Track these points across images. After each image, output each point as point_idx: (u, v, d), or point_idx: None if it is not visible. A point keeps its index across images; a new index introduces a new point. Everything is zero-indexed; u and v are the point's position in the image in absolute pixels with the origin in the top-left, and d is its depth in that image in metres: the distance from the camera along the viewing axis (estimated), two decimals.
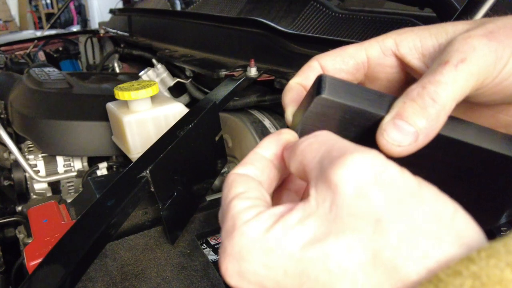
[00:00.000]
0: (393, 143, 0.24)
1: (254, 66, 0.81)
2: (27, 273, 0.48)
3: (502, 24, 0.25)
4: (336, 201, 0.19)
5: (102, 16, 4.05)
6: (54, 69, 1.13)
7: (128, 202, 0.46)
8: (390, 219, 0.18)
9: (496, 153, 0.27)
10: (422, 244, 0.18)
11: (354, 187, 0.19)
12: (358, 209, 0.19)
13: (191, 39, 1.17)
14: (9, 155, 0.97)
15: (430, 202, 0.19)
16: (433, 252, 0.18)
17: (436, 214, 0.19)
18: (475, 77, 0.24)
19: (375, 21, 0.94)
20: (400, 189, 0.19)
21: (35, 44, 1.81)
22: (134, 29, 1.52)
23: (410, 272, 0.18)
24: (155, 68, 1.13)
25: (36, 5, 6.54)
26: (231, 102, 0.83)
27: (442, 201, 0.20)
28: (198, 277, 0.48)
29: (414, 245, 0.18)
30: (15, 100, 1.00)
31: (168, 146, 0.52)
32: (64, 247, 0.41)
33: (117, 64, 1.51)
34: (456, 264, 0.16)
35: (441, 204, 0.19)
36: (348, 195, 0.19)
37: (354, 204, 0.19)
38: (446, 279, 0.16)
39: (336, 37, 0.94)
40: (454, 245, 0.18)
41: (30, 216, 0.59)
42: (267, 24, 0.92)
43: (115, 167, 0.92)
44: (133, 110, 0.75)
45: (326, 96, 0.25)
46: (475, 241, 0.19)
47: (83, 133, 0.89)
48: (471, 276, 0.16)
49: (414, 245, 0.18)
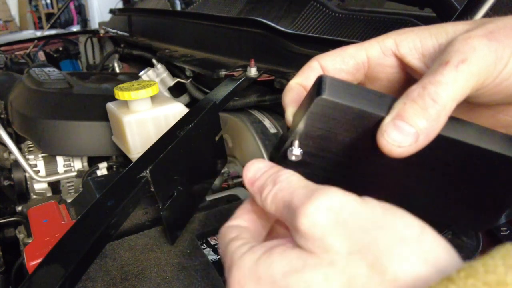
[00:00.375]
0: (393, 143, 0.24)
1: (254, 66, 0.81)
2: (27, 273, 0.48)
3: (502, 24, 0.25)
4: (308, 242, 0.21)
5: (102, 16, 4.04)
6: (54, 69, 1.13)
7: (128, 202, 0.46)
8: (358, 250, 0.20)
9: (496, 153, 0.27)
10: (390, 269, 0.19)
11: (318, 230, 0.21)
12: (328, 247, 0.21)
13: (191, 39, 1.17)
14: (9, 155, 0.97)
15: (394, 227, 0.20)
16: (402, 275, 0.19)
17: (401, 237, 0.20)
18: (475, 77, 0.24)
19: (375, 21, 0.94)
20: (362, 220, 0.21)
21: (35, 44, 1.81)
22: (134, 29, 1.52)
23: None
24: (155, 68, 1.13)
25: (36, 5, 6.54)
26: (231, 102, 0.83)
27: (406, 223, 0.21)
28: (198, 277, 0.48)
29: (383, 271, 0.19)
30: (15, 100, 1.00)
31: (168, 146, 0.52)
32: (64, 247, 0.41)
33: (117, 64, 1.51)
34: (436, 285, 0.17)
35: (405, 226, 0.21)
36: (316, 237, 0.21)
37: (323, 243, 0.21)
38: None
39: (336, 37, 0.94)
40: (422, 265, 0.19)
41: (30, 216, 0.59)
42: (267, 24, 0.92)
43: (115, 167, 0.92)
44: (133, 110, 0.75)
45: (326, 97, 0.25)
46: (443, 258, 0.20)
47: (83, 133, 0.89)
48: None
49: (383, 271, 0.19)
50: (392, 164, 0.26)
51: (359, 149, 0.28)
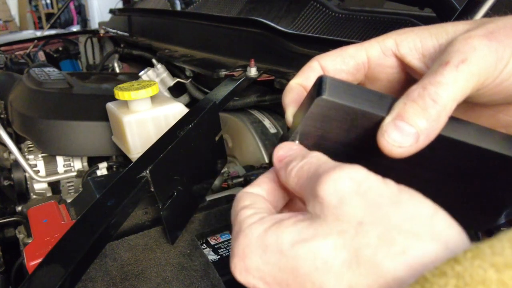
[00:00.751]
0: (393, 144, 0.24)
1: (254, 66, 0.81)
2: (27, 273, 0.48)
3: (503, 24, 0.25)
4: (324, 210, 0.22)
5: (102, 16, 4.04)
6: (54, 69, 1.13)
7: (128, 202, 0.46)
8: (370, 221, 0.20)
9: (496, 153, 0.27)
10: (400, 242, 0.19)
11: (337, 197, 0.21)
12: (341, 215, 0.21)
13: (191, 39, 1.17)
14: (9, 155, 0.97)
15: (408, 205, 0.21)
16: (411, 249, 0.19)
17: (414, 215, 0.20)
18: (475, 77, 0.24)
19: (375, 21, 0.94)
20: (379, 195, 0.21)
21: (35, 44, 1.81)
22: (134, 29, 1.52)
23: (390, 268, 0.19)
24: (155, 68, 1.13)
25: (36, 5, 6.53)
26: (231, 102, 0.83)
27: (421, 203, 0.21)
28: (198, 277, 0.48)
29: (392, 243, 0.19)
30: (15, 100, 1.00)
31: (168, 146, 0.52)
32: (64, 247, 0.41)
33: (117, 64, 1.51)
34: (442, 265, 0.17)
35: (420, 205, 0.21)
36: (333, 204, 0.21)
37: (338, 211, 0.21)
38: (432, 279, 0.17)
39: (336, 37, 0.94)
40: (432, 242, 0.19)
41: (30, 216, 0.59)
42: (267, 24, 0.92)
43: (115, 167, 0.92)
44: (133, 110, 0.75)
45: (326, 97, 0.25)
46: (454, 239, 0.20)
47: (83, 133, 0.89)
48: (455, 276, 0.16)
49: (392, 243, 0.19)
50: (392, 164, 0.26)
51: (359, 149, 0.28)
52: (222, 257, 0.54)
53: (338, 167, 0.22)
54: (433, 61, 0.27)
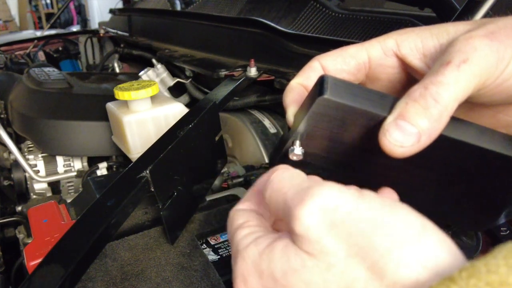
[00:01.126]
0: (395, 143, 0.24)
1: (254, 66, 0.81)
2: (27, 273, 0.48)
3: (503, 25, 0.25)
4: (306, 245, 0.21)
5: (102, 16, 4.04)
6: (54, 69, 1.13)
7: (128, 202, 0.46)
8: (356, 253, 0.20)
9: (496, 153, 0.27)
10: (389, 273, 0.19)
11: (314, 234, 0.21)
12: (325, 249, 0.21)
13: (191, 39, 1.17)
14: (9, 155, 0.97)
15: (393, 225, 0.20)
16: (400, 277, 0.19)
17: (400, 238, 0.20)
18: (477, 77, 0.24)
19: (375, 21, 0.94)
20: (359, 220, 0.21)
21: (35, 44, 1.81)
22: (134, 29, 1.52)
23: None
24: (155, 68, 1.13)
25: (36, 5, 6.53)
26: (231, 102, 0.83)
27: (407, 221, 0.21)
28: (198, 277, 0.48)
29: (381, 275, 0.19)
30: (15, 100, 1.00)
31: (168, 146, 0.52)
32: (64, 247, 0.41)
33: (117, 64, 1.51)
34: (438, 284, 0.17)
35: (405, 225, 0.20)
36: (313, 240, 0.21)
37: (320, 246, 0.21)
38: None
39: (336, 37, 0.94)
40: (420, 268, 0.19)
41: (30, 216, 0.59)
42: (267, 24, 0.92)
43: (115, 167, 0.92)
44: (133, 110, 0.75)
45: (328, 97, 0.25)
46: (444, 259, 0.19)
47: (83, 133, 0.89)
48: None
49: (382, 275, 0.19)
50: (393, 164, 0.26)
51: (360, 149, 0.28)
52: (222, 257, 0.54)
53: (304, 198, 0.21)
54: (434, 61, 0.27)
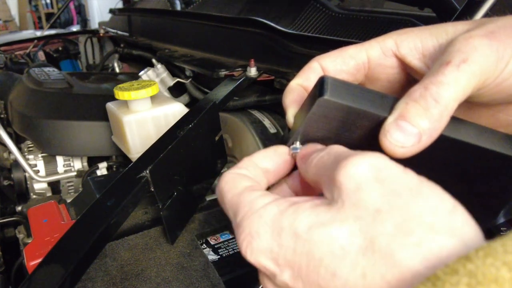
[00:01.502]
0: (396, 144, 0.24)
1: (254, 66, 0.81)
2: (27, 273, 0.48)
3: (502, 24, 0.25)
4: (342, 195, 0.22)
5: (102, 16, 4.04)
6: (54, 69, 1.13)
7: (128, 202, 0.46)
8: (388, 209, 0.20)
9: (496, 152, 0.27)
10: (417, 233, 0.19)
11: (355, 182, 0.21)
12: (359, 201, 0.21)
13: (191, 39, 1.17)
14: (9, 155, 0.97)
15: (428, 197, 0.21)
16: (428, 241, 0.19)
17: (433, 208, 0.20)
18: (477, 77, 0.24)
19: (375, 21, 0.93)
20: (399, 184, 0.21)
21: (35, 44, 1.80)
22: (134, 29, 1.52)
23: (405, 258, 0.19)
24: (155, 68, 1.13)
25: (36, 5, 6.53)
26: (231, 102, 0.83)
27: (441, 197, 0.21)
28: (198, 277, 0.48)
29: (409, 234, 0.19)
30: (15, 100, 1.00)
31: (168, 146, 0.52)
32: (64, 247, 0.41)
33: (117, 64, 1.51)
34: (454, 263, 0.17)
35: (439, 199, 0.21)
36: (351, 190, 0.21)
37: (356, 197, 0.21)
38: (444, 277, 0.17)
39: (336, 37, 0.94)
40: (450, 237, 0.19)
41: (30, 216, 0.59)
42: (267, 24, 0.92)
43: (115, 167, 0.92)
44: (133, 110, 0.75)
45: (328, 98, 0.25)
46: (471, 236, 0.20)
47: (83, 133, 0.89)
48: (467, 274, 0.16)
49: (409, 234, 0.19)
50: None
51: (361, 149, 0.28)
52: (222, 257, 0.54)
53: (359, 154, 0.22)
54: (433, 61, 0.27)
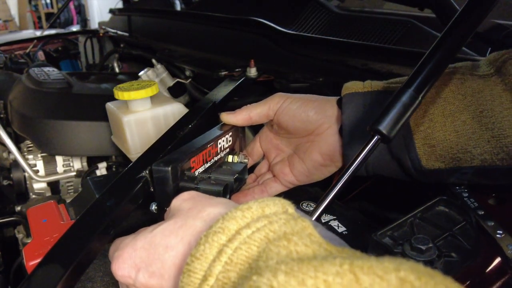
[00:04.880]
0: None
1: (253, 67, 0.81)
2: (26, 273, 0.48)
3: None
4: (170, 211, 0.39)
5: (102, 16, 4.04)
6: (54, 69, 1.12)
7: (128, 202, 0.46)
8: (193, 207, 0.36)
9: None
10: (206, 210, 0.34)
11: (174, 205, 0.39)
12: (179, 209, 0.37)
13: (191, 39, 1.17)
14: (8, 154, 0.97)
15: (210, 199, 0.37)
16: (210, 213, 0.34)
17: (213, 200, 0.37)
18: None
19: (374, 22, 0.94)
20: (195, 199, 0.37)
21: (34, 44, 1.80)
22: (134, 29, 1.52)
23: (197, 224, 0.33)
24: (155, 68, 1.13)
25: (35, 5, 6.53)
26: (231, 102, 0.83)
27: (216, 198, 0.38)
28: None
29: (201, 212, 0.34)
30: (15, 99, 1.00)
31: (168, 146, 0.52)
32: (63, 247, 0.41)
33: (116, 64, 1.51)
34: (218, 220, 0.29)
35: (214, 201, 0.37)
36: (174, 208, 0.38)
37: (176, 208, 0.38)
38: (213, 228, 0.29)
39: (336, 37, 0.94)
40: (221, 207, 0.35)
41: (29, 216, 0.59)
42: (267, 25, 0.92)
43: (115, 167, 0.92)
44: (133, 110, 0.75)
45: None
46: (232, 205, 0.35)
47: (82, 133, 0.89)
48: None
49: (202, 212, 0.34)
50: None
51: None
52: None
53: None
54: None
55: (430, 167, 0.47)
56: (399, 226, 0.44)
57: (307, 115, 0.53)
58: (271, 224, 0.27)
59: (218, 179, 0.50)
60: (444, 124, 0.45)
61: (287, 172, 0.57)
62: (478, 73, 0.46)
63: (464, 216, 0.45)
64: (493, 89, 0.44)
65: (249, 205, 0.29)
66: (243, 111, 0.57)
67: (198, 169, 0.50)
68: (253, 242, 0.26)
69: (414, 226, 0.44)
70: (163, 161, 0.45)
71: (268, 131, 0.61)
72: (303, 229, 0.27)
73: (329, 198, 0.41)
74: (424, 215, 0.46)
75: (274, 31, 0.89)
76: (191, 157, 0.48)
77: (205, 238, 0.28)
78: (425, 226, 0.45)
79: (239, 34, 0.99)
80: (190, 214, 0.34)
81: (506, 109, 0.42)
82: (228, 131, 0.57)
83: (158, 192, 0.46)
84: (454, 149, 0.45)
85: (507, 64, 0.44)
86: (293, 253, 0.25)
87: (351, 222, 0.54)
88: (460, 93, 0.45)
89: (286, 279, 0.21)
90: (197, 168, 0.50)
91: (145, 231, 0.35)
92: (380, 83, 0.51)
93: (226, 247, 0.27)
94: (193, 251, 0.28)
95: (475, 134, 0.44)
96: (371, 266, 0.20)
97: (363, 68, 0.73)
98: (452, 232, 0.43)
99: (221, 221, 0.28)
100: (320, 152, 0.54)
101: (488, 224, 0.43)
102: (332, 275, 0.20)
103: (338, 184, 0.41)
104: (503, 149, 0.43)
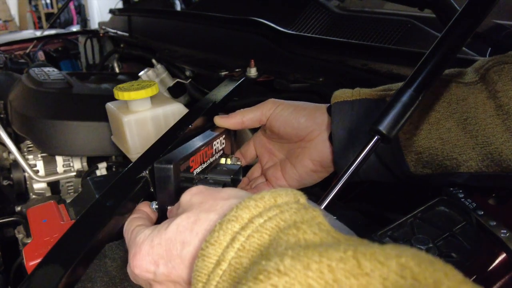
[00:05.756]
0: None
1: (254, 67, 0.81)
2: (26, 273, 0.48)
3: None
4: (180, 207, 0.39)
5: (102, 16, 4.04)
6: (54, 69, 1.12)
7: (128, 202, 0.46)
8: (204, 201, 0.36)
9: None
10: (216, 208, 0.34)
11: (185, 199, 0.38)
12: (186, 207, 0.37)
13: (191, 39, 1.17)
14: (8, 155, 0.97)
15: (220, 191, 0.38)
16: (221, 207, 0.34)
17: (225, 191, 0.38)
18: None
19: (374, 22, 0.94)
20: (206, 193, 0.37)
21: (34, 44, 1.80)
22: (134, 29, 1.52)
23: (212, 218, 0.33)
24: (155, 68, 1.12)
25: (35, 5, 6.53)
26: (231, 102, 0.83)
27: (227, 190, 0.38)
28: None
29: (211, 210, 0.34)
30: (15, 100, 1.00)
31: (168, 146, 0.52)
32: (63, 247, 0.41)
33: (116, 64, 1.50)
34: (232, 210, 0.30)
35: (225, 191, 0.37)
36: (184, 202, 0.38)
37: (186, 203, 0.37)
38: (227, 217, 0.30)
39: (336, 38, 0.94)
40: (232, 200, 0.35)
41: (29, 216, 0.59)
42: (267, 25, 0.92)
43: (115, 167, 0.92)
44: (133, 110, 0.75)
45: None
46: (245, 195, 0.36)
47: (82, 133, 0.89)
48: None
49: (211, 210, 0.34)
50: None
51: None
52: None
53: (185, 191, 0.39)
54: None
55: (418, 173, 0.47)
56: (399, 226, 0.45)
57: (298, 121, 0.54)
58: (282, 213, 0.28)
59: (215, 179, 0.51)
60: (429, 131, 0.45)
61: (279, 176, 0.58)
62: (464, 81, 0.46)
63: (464, 216, 0.45)
64: (477, 97, 0.44)
65: (262, 194, 0.30)
66: (236, 116, 0.57)
67: (196, 169, 0.50)
68: (265, 230, 0.27)
69: (414, 226, 0.45)
70: (164, 159, 0.45)
71: (262, 135, 0.62)
72: (313, 218, 0.28)
73: (329, 198, 0.41)
74: (424, 215, 0.46)
75: (274, 31, 0.89)
76: (190, 156, 0.48)
77: (220, 225, 0.29)
78: (425, 226, 0.45)
79: (239, 34, 0.99)
80: (202, 208, 0.34)
81: (490, 116, 0.43)
82: (221, 133, 0.57)
83: (159, 191, 0.46)
84: (440, 156, 0.45)
85: (491, 72, 0.44)
86: (301, 240, 0.26)
87: (351, 222, 0.54)
88: (445, 100, 0.45)
89: (292, 263, 0.22)
90: (195, 168, 0.50)
91: (159, 227, 0.36)
92: (368, 91, 0.52)
93: (239, 235, 0.28)
94: (208, 237, 0.30)
95: (460, 141, 0.44)
96: (373, 252, 0.21)
97: (363, 68, 0.73)
98: (452, 232, 0.43)
99: (235, 210, 0.30)
100: (310, 159, 0.55)
101: (490, 224, 0.43)
102: (335, 261, 0.21)
103: (338, 184, 0.41)
104: (487, 156, 0.43)
